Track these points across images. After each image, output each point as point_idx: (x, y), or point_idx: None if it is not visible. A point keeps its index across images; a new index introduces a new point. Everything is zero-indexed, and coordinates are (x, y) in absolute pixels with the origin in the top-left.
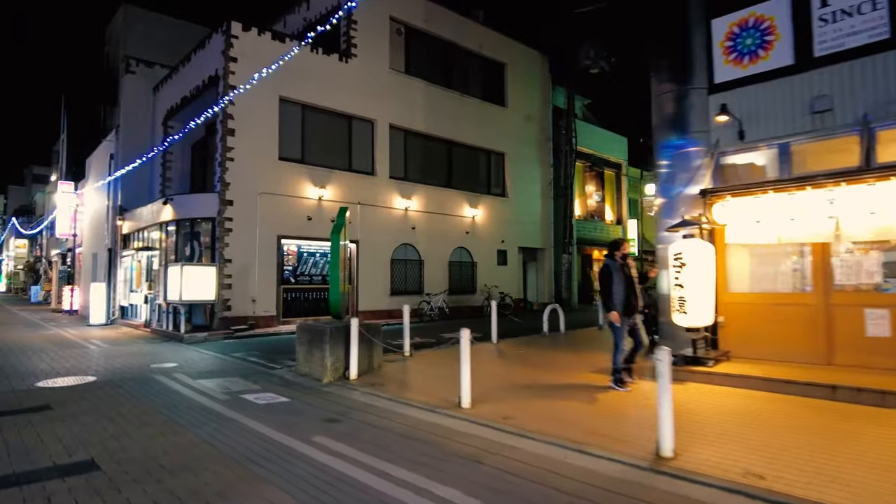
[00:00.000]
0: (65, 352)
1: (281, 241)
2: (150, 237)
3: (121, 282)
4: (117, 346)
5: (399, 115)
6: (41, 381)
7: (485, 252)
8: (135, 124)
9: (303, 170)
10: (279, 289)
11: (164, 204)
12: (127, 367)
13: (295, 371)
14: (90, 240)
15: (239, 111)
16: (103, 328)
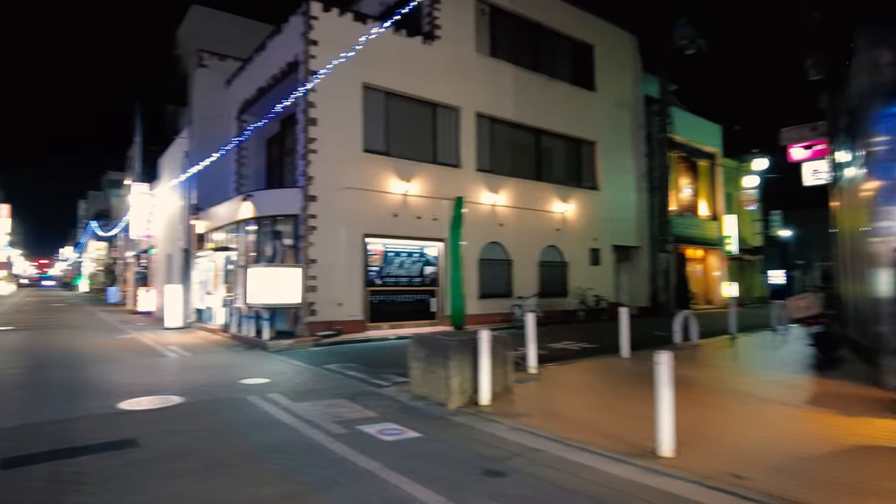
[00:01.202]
0: (144, 361)
1: (366, 239)
2: (228, 237)
3: (196, 284)
4: (198, 355)
5: (486, 101)
6: (123, 400)
7: (576, 251)
8: (208, 120)
9: (387, 162)
10: (365, 291)
11: (244, 201)
12: (213, 384)
13: (409, 392)
14: (165, 241)
15: (321, 99)
16: (179, 332)
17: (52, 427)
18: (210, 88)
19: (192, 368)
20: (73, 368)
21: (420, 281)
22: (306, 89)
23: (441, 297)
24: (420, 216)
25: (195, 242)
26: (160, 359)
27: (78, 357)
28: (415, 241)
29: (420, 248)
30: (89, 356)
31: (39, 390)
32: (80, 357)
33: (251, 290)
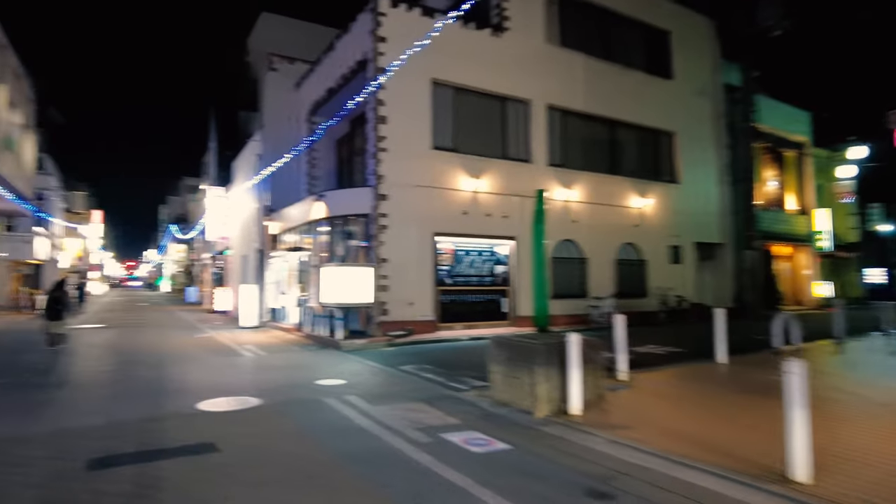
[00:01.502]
0: (221, 360)
1: (435, 238)
2: (300, 237)
3: (270, 283)
4: (273, 354)
5: (556, 93)
6: (202, 401)
7: (655, 248)
8: (279, 123)
9: (456, 159)
10: (435, 291)
11: (316, 201)
12: (289, 385)
13: (490, 397)
14: (240, 242)
15: (390, 97)
16: (254, 331)
17: (136, 426)
18: (280, 92)
19: (268, 368)
20: (156, 367)
21: (490, 280)
22: (375, 87)
23: (512, 297)
24: (490, 213)
25: (269, 243)
26: (236, 358)
27: (161, 355)
28: (485, 239)
29: (490, 246)
30: (171, 354)
31: (126, 387)
32: (162, 355)
33: (324, 290)
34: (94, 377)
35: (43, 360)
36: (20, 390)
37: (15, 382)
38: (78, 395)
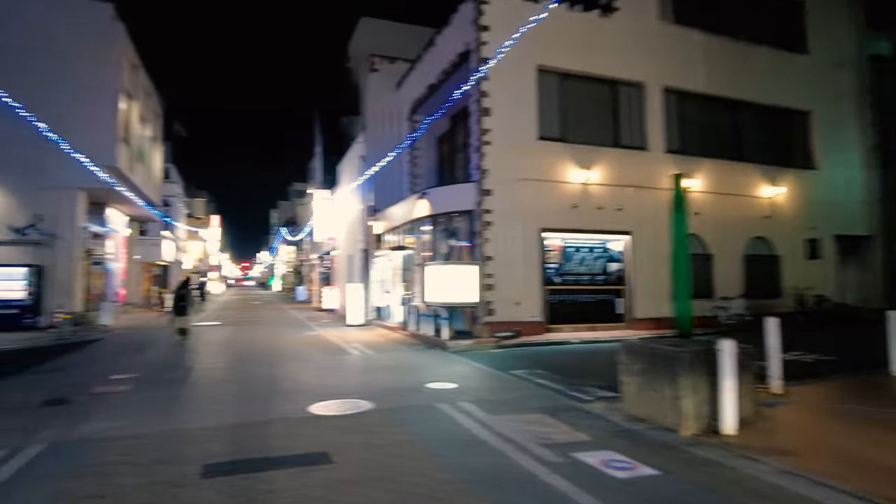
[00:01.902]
0: (331, 360)
1: (543, 234)
2: (404, 236)
3: (375, 282)
4: (381, 354)
5: (673, 74)
6: (313, 403)
7: (790, 242)
8: (381, 124)
9: (564, 149)
10: (543, 290)
11: (419, 199)
12: (400, 388)
13: (621, 411)
14: (345, 242)
15: (494, 87)
16: (360, 329)
17: (248, 430)
18: (382, 92)
19: (377, 369)
20: (268, 365)
21: (603, 279)
22: (479, 77)
23: (628, 297)
24: (602, 206)
25: (373, 243)
26: (345, 357)
27: (273, 353)
28: (597, 234)
29: (602, 242)
30: (282, 352)
31: (240, 387)
32: (274, 353)
33: (429, 289)
34: (211, 375)
35: (168, 356)
36: (146, 387)
37: (142, 378)
38: (195, 393)
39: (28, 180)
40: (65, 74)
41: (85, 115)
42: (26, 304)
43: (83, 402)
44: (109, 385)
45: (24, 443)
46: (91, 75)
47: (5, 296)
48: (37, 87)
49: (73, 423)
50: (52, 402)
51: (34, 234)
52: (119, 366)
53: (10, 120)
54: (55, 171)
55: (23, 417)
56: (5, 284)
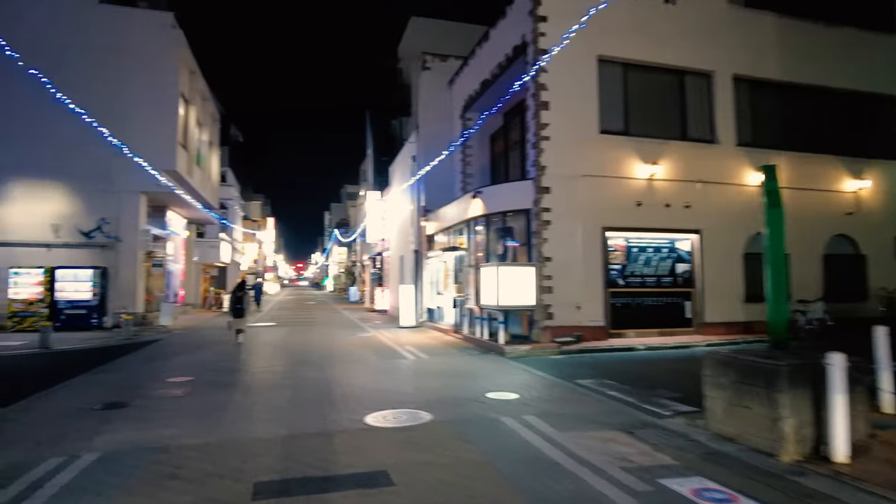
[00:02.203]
0: (384, 363)
1: (605, 233)
2: (457, 236)
3: (427, 283)
4: (434, 358)
5: (744, 61)
6: (369, 412)
7: (877, 241)
8: (433, 123)
9: (628, 144)
10: (606, 293)
11: (473, 198)
12: (458, 397)
13: (704, 428)
14: (397, 243)
15: (552, 80)
16: (413, 331)
17: (303, 442)
18: (434, 91)
19: (432, 374)
20: (323, 368)
21: (670, 281)
22: (537, 70)
23: (697, 300)
24: (669, 203)
25: (425, 243)
26: (399, 360)
27: (326, 355)
28: (663, 233)
29: (669, 241)
30: (336, 354)
31: (294, 391)
32: (328, 355)
33: (484, 291)
34: (265, 378)
35: (223, 357)
36: (200, 390)
37: (197, 381)
38: (249, 398)
39: (93, 185)
40: (127, 82)
41: (146, 120)
42: (93, 305)
43: (139, 405)
44: (165, 387)
45: (81, 449)
46: (151, 82)
47: (75, 296)
48: (101, 93)
49: (128, 429)
50: (110, 406)
51: (100, 236)
52: (176, 367)
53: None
54: (118, 176)
55: (81, 421)
56: (74, 286)
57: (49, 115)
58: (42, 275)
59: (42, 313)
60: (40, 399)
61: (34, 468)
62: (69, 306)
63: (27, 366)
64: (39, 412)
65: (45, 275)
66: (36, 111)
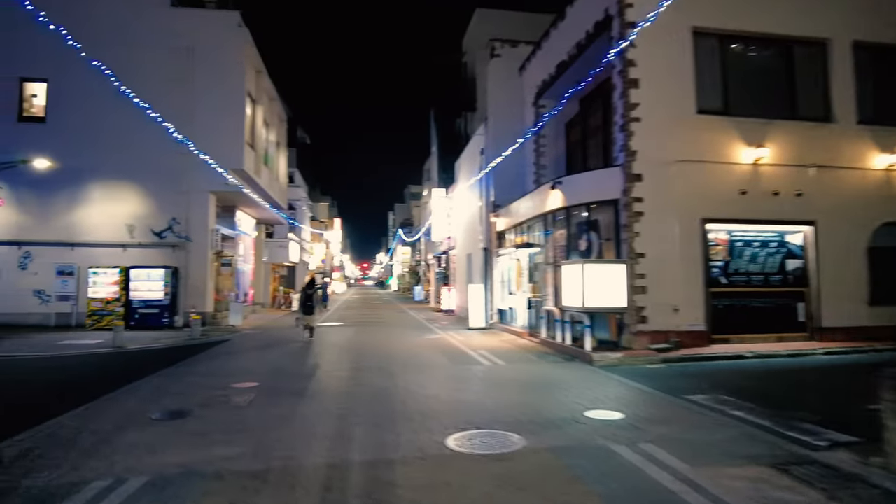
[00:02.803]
0: (459, 370)
1: (705, 225)
2: (530, 232)
3: (497, 283)
4: (513, 365)
5: (866, 25)
6: (451, 433)
7: None
8: (502, 114)
9: (728, 124)
10: (706, 293)
11: (552, 189)
12: (552, 415)
13: (884, 466)
14: (464, 241)
15: (642, 56)
16: (483, 333)
17: (375, 472)
18: (503, 80)
19: (514, 385)
20: (393, 374)
21: (779, 279)
22: (624, 45)
23: (812, 301)
24: (777, 191)
25: (495, 241)
26: (474, 367)
27: (396, 359)
28: (771, 225)
29: (778, 234)
30: (406, 358)
31: (364, 403)
32: (398, 359)
33: (566, 291)
34: (332, 385)
35: (290, 360)
36: (264, 399)
37: (262, 387)
38: (315, 411)
39: (165, 185)
40: (196, 82)
41: (214, 120)
42: (164, 304)
43: (199, 415)
44: (229, 393)
45: (129, 470)
46: (219, 82)
47: (148, 296)
48: (173, 95)
49: (184, 445)
50: (169, 415)
51: (171, 236)
52: (241, 370)
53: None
54: (188, 176)
55: (136, 433)
56: (147, 285)
57: (125, 118)
58: (118, 274)
59: (118, 312)
60: (101, 404)
61: (74, 495)
62: (142, 305)
63: (98, 365)
64: (96, 420)
65: (121, 274)
66: (115, 116)
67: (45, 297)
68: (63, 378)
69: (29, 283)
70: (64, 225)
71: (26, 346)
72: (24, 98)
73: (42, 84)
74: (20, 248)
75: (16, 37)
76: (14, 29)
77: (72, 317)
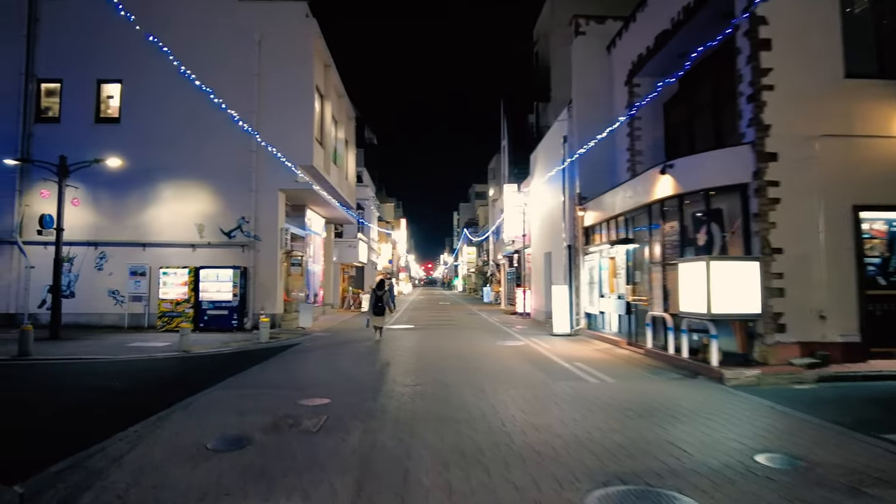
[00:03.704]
0: (562, 389)
1: (859, 214)
2: (630, 226)
3: (584, 284)
4: (625, 383)
5: None
6: (588, 490)
7: None
8: (589, 96)
9: (885, 90)
10: (860, 297)
11: (662, 174)
12: (715, 460)
13: None
14: (541, 239)
15: (773, 12)
16: (570, 340)
17: None
18: (588, 59)
19: (637, 411)
20: (483, 390)
21: None
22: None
23: None
24: None
25: (581, 237)
26: (579, 384)
27: (483, 371)
28: None
29: None
30: (494, 371)
31: (459, 433)
32: (485, 371)
33: (685, 294)
34: (413, 406)
35: (365, 367)
36: (339, 423)
37: (332, 406)
38: (400, 443)
39: (233, 183)
40: (265, 77)
41: (282, 115)
42: (233, 306)
43: (261, 443)
44: (297, 413)
45: None
46: (287, 75)
47: (217, 297)
48: (243, 90)
49: (238, 493)
50: (226, 445)
51: (240, 235)
52: (312, 382)
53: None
54: (257, 174)
55: (185, 471)
56: (216, 286)
57: (195, 117)
58: (187, 275)
59: (188, 314)
60: (152, 427)
61: None
62: (211, 307)
63: (160, 372)
64: (142, 450)
65: (190, 275)
66: (185, 115)
67: (119, 297)
68: (123, 388)
69: (104, 283)
70: (136, 224)
71: (97, 348)
72: (101, 100)
73: (117, 85)
74: (96, 249)
75: (93, 41)
76: (92, 33)
77: (144, 317)
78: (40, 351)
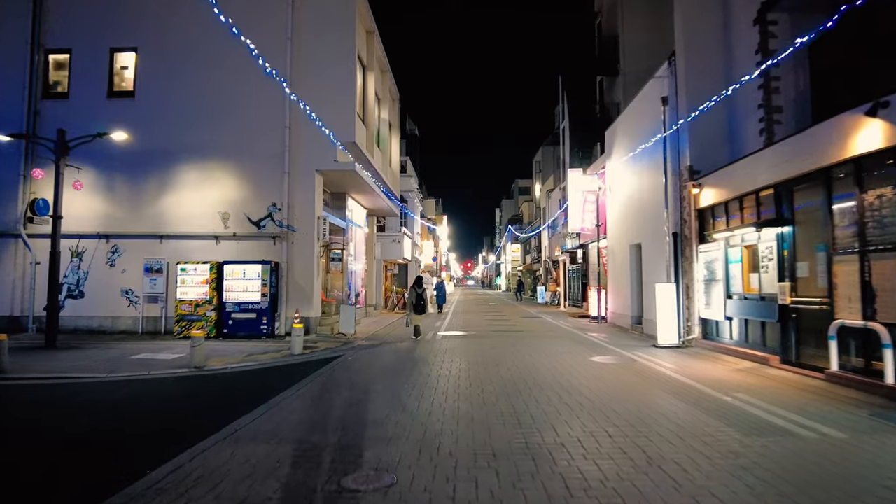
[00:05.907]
0: (770, 453)
1: None
2: (785, 201)
3: (698, 282)
4: (853, 437)
5: None
6: None
7: None
8: (699, 41)
9: None
10: None
11: (871, 115)
12: None
13: None
14: (622, 228)
15: None
16: (685, 354)
17: None
18: None
19: None
20: (637, 467)
21: None
22: None
23: None
24: None
25: (694, 222)
26: (789, 442)
27: (611, 414)
28: None
29: None
30: (629, 416)
31: None
32: (614, 415)
33: None
34: (529, 491)
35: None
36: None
37: (405, 485)
38: None
39: (263, 164)
40: (299, 39)
41: (321, 85)
42: (262, 308)
43: None
44: None
45: None
46: (326, 40)
47: (243, 297)
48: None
49: None
50: None
51: (271, 225)
52: (362, 429)
53: (245, 99)
54: (290, 153)
55: None
56: (243, 284)
57: (219, 90)
58: (209, 271)
59: (209, 317)
60: None
61: None
62: (237, 310)
63: (148, 404)
64: None
65: (212, 271)
66: (207, 88)
67: (134, 298)
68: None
69: (118, 281)
70: (152, 214)
71: (93, 362)
72: (115, 71)
73: (131, 54)
74: (108, 242)
75: (106, 3)
76: None
77: (161, 321)
78: (19, 366)
